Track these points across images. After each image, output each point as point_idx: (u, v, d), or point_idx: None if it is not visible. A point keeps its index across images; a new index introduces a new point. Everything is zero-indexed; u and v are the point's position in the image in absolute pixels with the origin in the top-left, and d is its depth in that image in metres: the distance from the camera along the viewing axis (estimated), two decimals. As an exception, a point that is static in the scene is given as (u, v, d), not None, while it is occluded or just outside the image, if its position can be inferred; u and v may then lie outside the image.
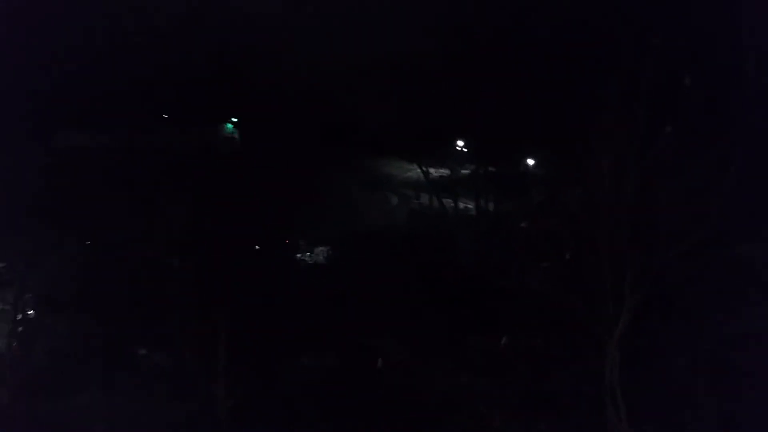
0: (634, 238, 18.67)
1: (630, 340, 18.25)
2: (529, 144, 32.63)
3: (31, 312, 27.68)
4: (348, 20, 35.42)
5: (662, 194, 19.45)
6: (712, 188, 19.13)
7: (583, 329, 18.61)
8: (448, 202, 35.90)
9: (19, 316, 26.94)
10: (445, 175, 37.37)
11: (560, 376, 18.73)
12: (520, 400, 19.65)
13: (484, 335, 22.94)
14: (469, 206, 35.98)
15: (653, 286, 18.38)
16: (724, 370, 18.50)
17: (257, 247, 28.69)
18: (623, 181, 19.31)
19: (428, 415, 21.48)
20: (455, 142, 38.69)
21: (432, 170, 37.27)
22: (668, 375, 18.47)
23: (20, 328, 26.89)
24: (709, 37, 27.06)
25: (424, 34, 34.09)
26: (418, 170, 37.68)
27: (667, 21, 27.31)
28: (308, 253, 31.86)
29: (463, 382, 20.69)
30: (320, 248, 32.11)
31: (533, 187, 31.21)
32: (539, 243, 20.98)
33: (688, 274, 19.04)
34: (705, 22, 27.48)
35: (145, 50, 33.36)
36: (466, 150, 38.49)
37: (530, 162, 34.41)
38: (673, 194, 19.30)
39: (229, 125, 36.59)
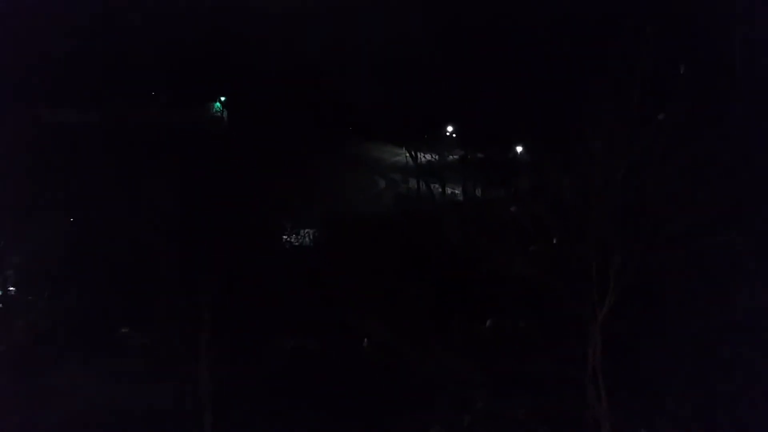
0: (621, 223, 18.66)
1: (613, 324, 18.29)
2: (518, 129, 32.61)
3: (13, 289, 27.42)
4: (338, 6, 35.31)
5: (651, 180, 19.43)
6: (701, 175, 19.12)
7: (567, 312, 18.63)
8: (436, 186, 35.94)
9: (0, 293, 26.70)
10: (433, 160, 37.38)
11: (543, 359, 18.75)
12: (503, 381, 19.66)
13: (469, 318, 22.90)
14: (457, 191, 36.03)
15: (638, 270, 18.41)
16: (706, 356, 18.56)
17: (243, 228, 28.49)
18: (613, 166, 19.26)
19: (412, 397, 21.49)
20: (444, 128, 38.71)
21: (420, 155, 37.30)
22: (650, 359, 18.53)
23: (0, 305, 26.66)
24: (702, 26, 27.06)
25: (413, 19, 34.01)
26: (407, 155, 37.71)
27: (662, 8, 27.30)
28: (294, 235, 31.71)
29: (448, 364, 20.65)
30: (307, 230, 31.96)
31: (522, 172, 31.20)
32: (527, 227, 20.91)
33: (673, 260, 19.06)
34: (699, 10, 27.49)
35: (131, 28, 33.07)
36: (455, 135, 38.53)
37: (519, 147, 34.43)
38: (661, 180, 19.29)
39: (218, 104, 36.40)
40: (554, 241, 20.35)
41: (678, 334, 18.54)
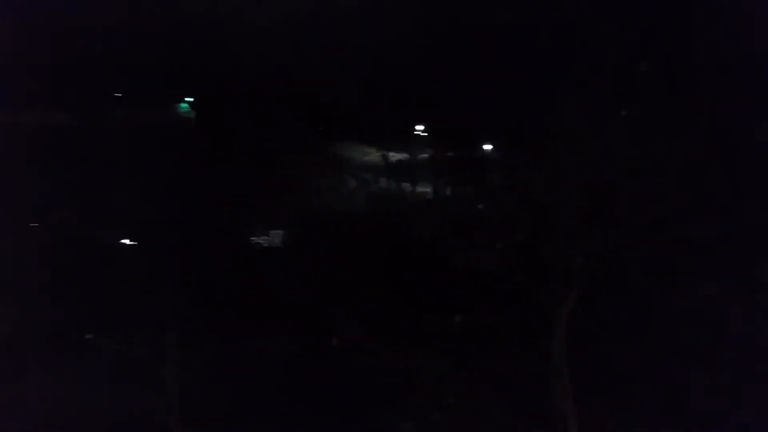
0: (585, 218, 18.72)
1: (579, 319, 18.35)
2: (485, 127, 32.64)
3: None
4: (307, 5, 35.26)
5: (615, 175, 19.50)
6: (666, 169, 19.23)
7: (534, 308, 18.68)
8: (407, 185, 35.94)
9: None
10: (403, 159, 37.41)
11: (512, 354, 18.81)
12: (472, 377, 19.70)
13: (439, 314, 22.92)
14: (427, 190, 36.06)
15: (603, 265, 18.47)
16: (672, 350, 18.65)
17: (212, 229, 28.35)
18: (578, 162, 19.35)
19: (382, 394, 21.45)
20: (413, 127, 38.69)
21: (391, 154, 37.32)
22: (616, 353, 18.61)
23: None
24: (668, 19, 27.17)
25: (380, 19, 34.05)
26: (377, 154, 37.70)
27: (630, 5, 27.39)
28: (265, 237, 31.55)
29: (418, 361, 20.68)
30: (277, 231, 31.82)
31: (490, 169, 31.27)
32: (494, 224, 21.00)
33: (639, 254, 19.13)
34: (665, 3, 27.59)
35: (98, 25, 32.71)
36: (425, 134, 38.53)
37: (487, 145, 34.48)
38: (626, 175, 19.37)
39: (184, 105, 36.08)
40: (520, 237, 20.43)
41: (644, 328, 18.62)
